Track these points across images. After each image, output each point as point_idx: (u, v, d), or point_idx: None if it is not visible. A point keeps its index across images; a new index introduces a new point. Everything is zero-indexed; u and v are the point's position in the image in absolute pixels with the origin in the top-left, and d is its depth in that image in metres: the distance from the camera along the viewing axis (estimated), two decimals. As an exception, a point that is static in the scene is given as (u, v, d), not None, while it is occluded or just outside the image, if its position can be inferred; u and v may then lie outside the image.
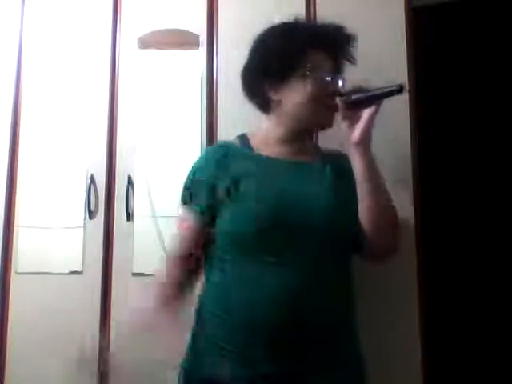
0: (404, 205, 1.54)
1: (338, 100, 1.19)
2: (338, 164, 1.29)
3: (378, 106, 1.18)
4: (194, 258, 1.26)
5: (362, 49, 1.62)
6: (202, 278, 1.29)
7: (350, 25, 1.66)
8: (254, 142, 1.31)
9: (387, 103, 1.17)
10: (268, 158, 1.27)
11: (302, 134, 1.31)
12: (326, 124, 1.28)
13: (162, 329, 1.18)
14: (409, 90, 1.14)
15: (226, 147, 1.31)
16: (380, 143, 1.55)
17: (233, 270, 1.20)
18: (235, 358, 1.14)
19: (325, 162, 1.30)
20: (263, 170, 1.25)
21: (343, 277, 1.24)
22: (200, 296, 1.27)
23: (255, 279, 1.15)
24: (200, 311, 1.25)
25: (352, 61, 1.34)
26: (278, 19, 1.31)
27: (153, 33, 1.73)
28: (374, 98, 1.18)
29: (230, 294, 1.18)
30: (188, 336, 1.24)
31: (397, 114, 1.57)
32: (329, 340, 1.16)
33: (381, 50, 1.62)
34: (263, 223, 1.16)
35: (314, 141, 1.52)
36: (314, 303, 1.14)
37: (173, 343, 1.19)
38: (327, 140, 1.43)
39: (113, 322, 1.59)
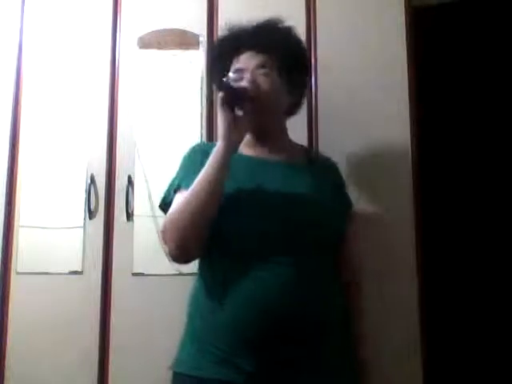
0: (403, 205, 1.55)
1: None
2: (320, 167, 1.32)
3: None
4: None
5: (362, 49, 1.64)
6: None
7: (350, 25, 1.67)
8: None
9: (387, 103, 1.17)
10: (240, 156, 1.25)
11: (261, 135, 1.29)
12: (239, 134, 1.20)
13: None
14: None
15: (210, 145, 1.29)
16: (380, 143, 1.57)
17: (215, 270, 1.20)
18: (224, 359, 1.12)
19: (297, 161, 1.30)
20: (235, 167, 1.21)
21: (333, 275, 1.24)
22: (190, 299, 1.26)
23: (238, 280, 1.14)
24: (189, 314, 1.24)
25: (283, 51, 1.28)
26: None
27: (153, 33, 1.74)
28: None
29: (215, 296, 1.17)
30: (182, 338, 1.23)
31: (397, 114, 1.57)
32: (317, 340, 1.15)
33: (381, 50, 1.62)
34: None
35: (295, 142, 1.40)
36: (302, 303, 1.14)
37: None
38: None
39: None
